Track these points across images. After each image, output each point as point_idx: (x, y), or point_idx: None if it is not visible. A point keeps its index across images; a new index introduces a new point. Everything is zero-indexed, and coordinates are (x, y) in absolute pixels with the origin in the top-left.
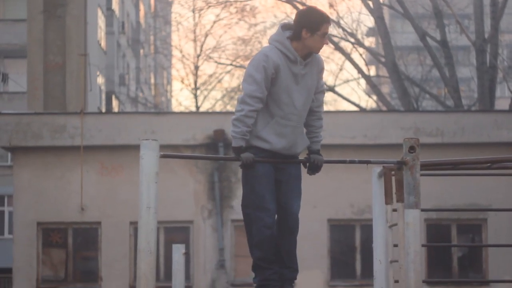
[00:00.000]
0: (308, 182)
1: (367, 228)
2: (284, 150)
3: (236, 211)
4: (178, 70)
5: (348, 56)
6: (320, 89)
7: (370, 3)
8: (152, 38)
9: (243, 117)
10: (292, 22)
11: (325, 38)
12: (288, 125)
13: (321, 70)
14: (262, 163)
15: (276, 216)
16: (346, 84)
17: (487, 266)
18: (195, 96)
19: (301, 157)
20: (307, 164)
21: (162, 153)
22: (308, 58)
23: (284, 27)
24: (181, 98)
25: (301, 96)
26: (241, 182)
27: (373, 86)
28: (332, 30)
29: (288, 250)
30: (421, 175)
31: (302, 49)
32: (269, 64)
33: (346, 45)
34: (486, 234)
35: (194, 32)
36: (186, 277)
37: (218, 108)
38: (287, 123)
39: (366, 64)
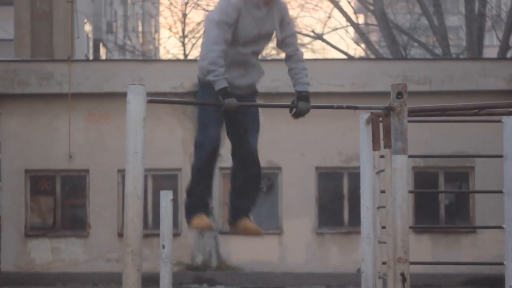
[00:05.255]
0: (296, 129)
1: (355, 176)
2: (236, 81)
3: (224, 159)
4: (166, 17)
5: (336, 4)
6: (289, 34)
7: None
8: None
9: (216, 58)
10: None
11: None
12: (239, 60)
13: (283, 17)
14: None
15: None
16: (334, 32)
17: (474, 214)
18: (183, 44)
19: (289, 102)
20: (293, 109)
21: (149, 98)
22: (270, 3)
23: None
24: (169, 46)
25: (258, 41)
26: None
27: (361, 34)
28: None
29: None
30: (409, 121)
31: None
32: (232, 8)
33: None
34: (474, 182)
35: None
36: (174, 225)
37: None
38: (238, 59)
39: (355, 12)
